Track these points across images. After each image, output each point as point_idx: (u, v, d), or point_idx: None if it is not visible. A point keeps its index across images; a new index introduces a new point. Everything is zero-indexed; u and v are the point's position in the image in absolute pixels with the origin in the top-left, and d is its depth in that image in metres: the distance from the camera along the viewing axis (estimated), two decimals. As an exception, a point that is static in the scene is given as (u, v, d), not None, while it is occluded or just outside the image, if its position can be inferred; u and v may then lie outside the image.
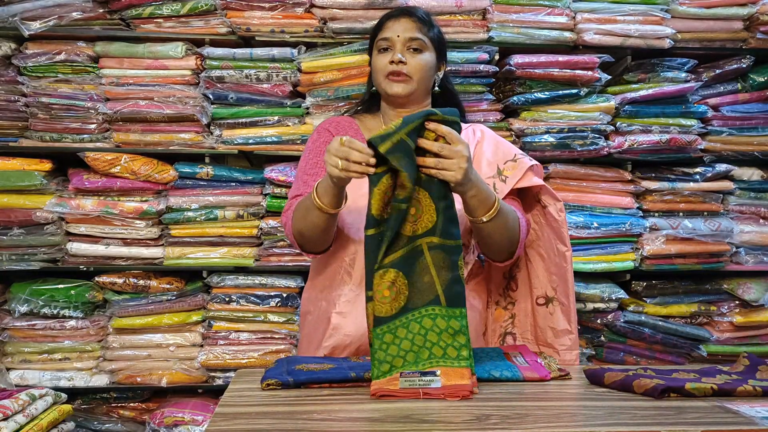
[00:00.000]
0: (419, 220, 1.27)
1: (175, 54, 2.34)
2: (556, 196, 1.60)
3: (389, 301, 1.24)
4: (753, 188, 2.54)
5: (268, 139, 2.38)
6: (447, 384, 1.17)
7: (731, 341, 2.51)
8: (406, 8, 1.62)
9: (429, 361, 1.22)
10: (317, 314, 1.59)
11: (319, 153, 1.60)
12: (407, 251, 1.26)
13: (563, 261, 1.59)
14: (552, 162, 2.40)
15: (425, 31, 1.57)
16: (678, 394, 1.15)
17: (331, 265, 1.58)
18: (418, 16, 1.58)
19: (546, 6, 2.39)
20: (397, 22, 1.57)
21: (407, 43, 1.55)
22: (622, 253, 2.44)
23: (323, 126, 1.69)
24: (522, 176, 1.55)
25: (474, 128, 1.68)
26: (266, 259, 2.41)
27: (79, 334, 2.38)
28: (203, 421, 2.30)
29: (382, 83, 1.59)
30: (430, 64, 1.58)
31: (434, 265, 1.26)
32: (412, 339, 1.23)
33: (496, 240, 1.44)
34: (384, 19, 1.61)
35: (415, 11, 1.60)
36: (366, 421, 1.06)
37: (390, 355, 1.22)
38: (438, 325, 1.23)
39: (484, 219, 1.37)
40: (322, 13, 2.33)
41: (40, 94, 2.33)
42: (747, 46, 2.48)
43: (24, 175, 2.31)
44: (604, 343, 2.46)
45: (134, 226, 2.35)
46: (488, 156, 1.59)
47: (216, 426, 1.02)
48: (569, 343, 1.59)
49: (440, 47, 1.63)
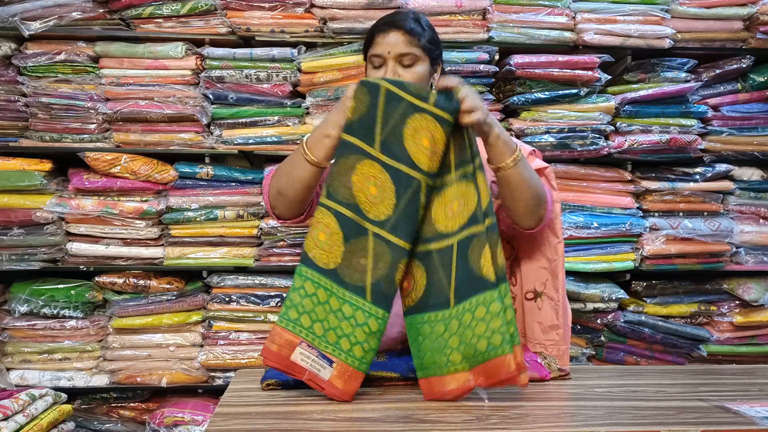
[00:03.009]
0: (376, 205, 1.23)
1: (175, 54, 2.34)
2: (554, 183, 1.58)
3: (325, 249, 1.21)
4: (753, 188, 2.54)
5: (268, 139, 2.39)
6: (333, 380, 1.16)
7: (731, 341, 2.51)
8: (394, 20, 1.55)
9: (331, 345, 1.19)
10: None
11: None
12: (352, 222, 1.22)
13: (554, 253, 1.58)
14: (552, 162, 2.39)
15: (415, 42, 1.53)
16: None
17: None
18: (406, 29, 1.52)
19: (546, 6, 2.39)
20: (386, 37, 1.52)
21: (398, 58, 1.54)
22: (622, 253, 2.44)
23: None
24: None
25: None
26: (266, 259, 2.41)
27: (79, 334, 2.38)
28: (203, 421, 2.30)
29: None
30: (424, 74, 1.56)
31: (373, 254, 1.22)
32: (326, 312, 1.20)
33: (524, 194, 1.40)
34: (374, 32, 1.56)
35: (403, 22, 1.53)
36: (366, 421, 1.06)
37: (304, 308, 1.19)
38: (356, 317, 1.19)
39: (509, 163, 1.34)
40: (322, 13, 2.33)
41: (40, 94, 2.33)
42: (747, 46, 2.48)
43: (24, 175, 2.31)
44: (604, 343, 2.47)
45: (134, 226, 2.35)
46: None
47: (216, 426, 1.02)
48: (557, 338, 1.56)
49: (433, 52, 1.59)
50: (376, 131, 1.24)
